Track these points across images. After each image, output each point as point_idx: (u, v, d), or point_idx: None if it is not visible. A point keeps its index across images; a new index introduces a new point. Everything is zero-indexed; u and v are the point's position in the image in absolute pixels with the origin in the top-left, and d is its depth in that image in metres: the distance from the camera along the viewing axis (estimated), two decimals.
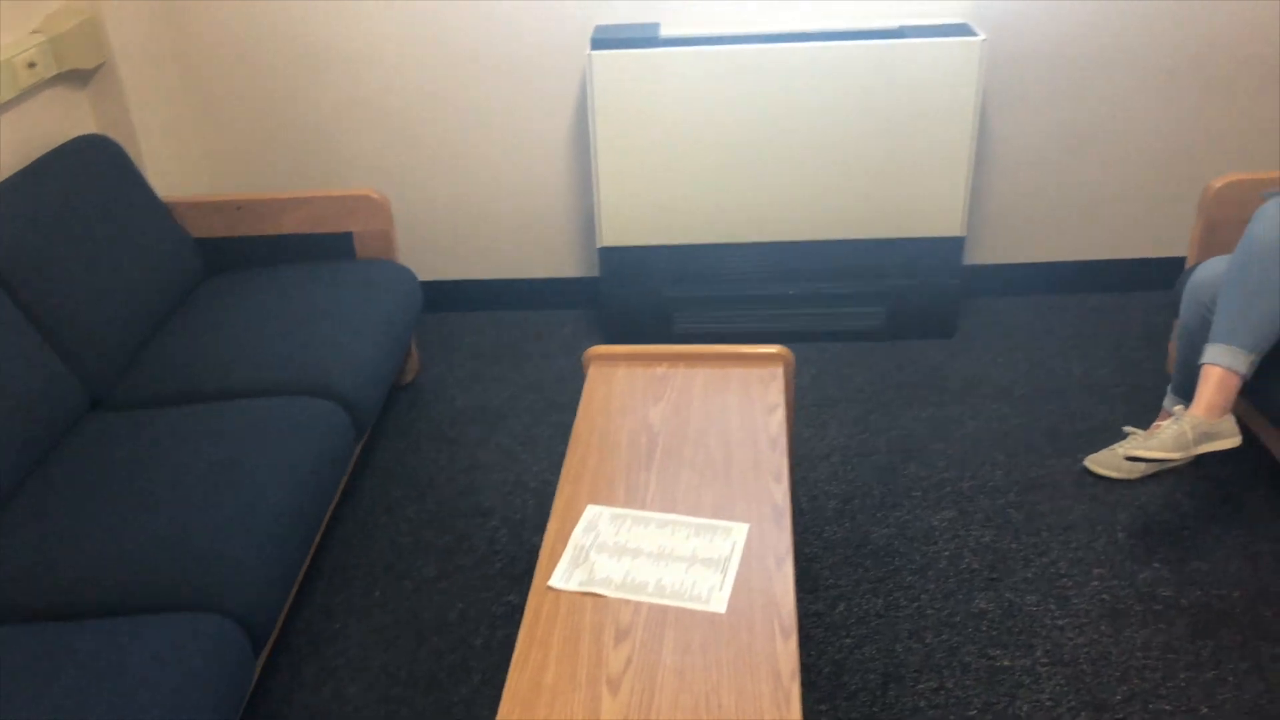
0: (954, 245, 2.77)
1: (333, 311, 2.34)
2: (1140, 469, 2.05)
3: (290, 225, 2.61)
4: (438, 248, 3.09)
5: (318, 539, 2.19)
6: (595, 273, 3.05)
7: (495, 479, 2.43)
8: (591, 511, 1.61)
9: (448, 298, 3.17)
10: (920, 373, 2.75)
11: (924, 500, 2.28)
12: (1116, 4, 2.72)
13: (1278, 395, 2.07)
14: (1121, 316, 2.95)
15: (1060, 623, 1.95)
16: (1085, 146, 2.89)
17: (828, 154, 2.67)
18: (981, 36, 2.54)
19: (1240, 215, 2.24)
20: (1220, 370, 2.03)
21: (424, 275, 3.14)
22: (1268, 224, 2.05)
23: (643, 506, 1.61)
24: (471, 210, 3.03)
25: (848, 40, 2.57)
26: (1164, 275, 3.04)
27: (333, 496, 1.99)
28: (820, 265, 2.81)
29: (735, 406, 1.85)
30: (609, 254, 2.82)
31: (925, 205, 2.72)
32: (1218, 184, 2.39)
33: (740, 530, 1.55)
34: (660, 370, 1.97)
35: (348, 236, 2.63)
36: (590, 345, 2.71)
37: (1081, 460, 2.35)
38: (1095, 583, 2.04)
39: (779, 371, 1.95)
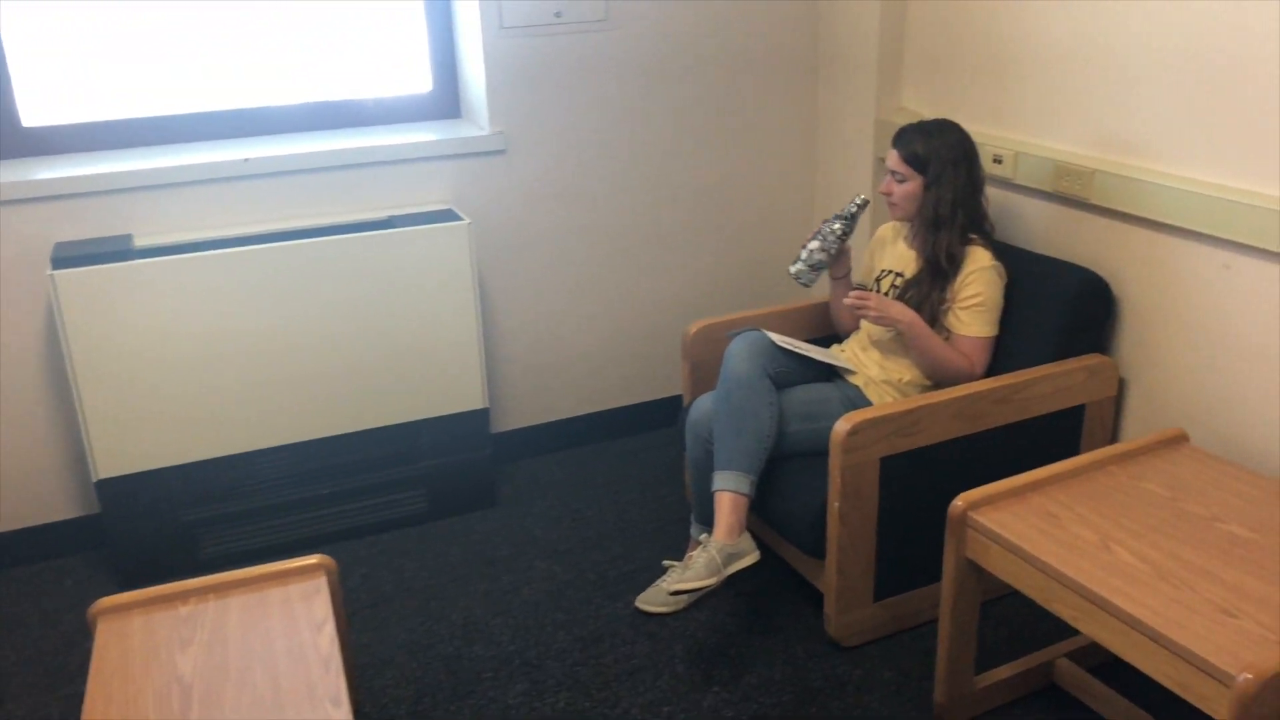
0: (480, 417, 2.83)
1: None
2: (684, 600, 2.18)
3: None
4: None
5: None
6: (95, 509, 2.69)
7: None
8: None
9: None
10: (471, 548, 2.73)
11: (495, 680, 2.24)
12: (581, 185, 3.01)
13: (777, 506, 2.33)
14: (642, 457, 3.18)
15: None
16: (576, 307, 3.13)
17: (339, 347, 2.63)
18: (467, 220, 2.68)
19: (716, 354, 2.52)
20: (729, 495, 2.24)
21: None
22: (738, 360, 2.33)
23: None
24: None
25: (339, 235, 2.58)
26: (670, 413, 3.34)
27: None
28: (352, 458, 2.73)
29: (279, 631, 1.69)
30: (109, 486, 2.51)
31: (445, 383, 2.76)
32: (693, 328, 2.69)
33: None
34: (186, 609, 1.76)
35: None
36: (102, 595, 2.36)
37: (633, 602, 2.45)
38: None
39: (322, 582, 1.83)
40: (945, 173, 2.37)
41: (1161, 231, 2.29)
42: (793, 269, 2.51)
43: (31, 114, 2.63)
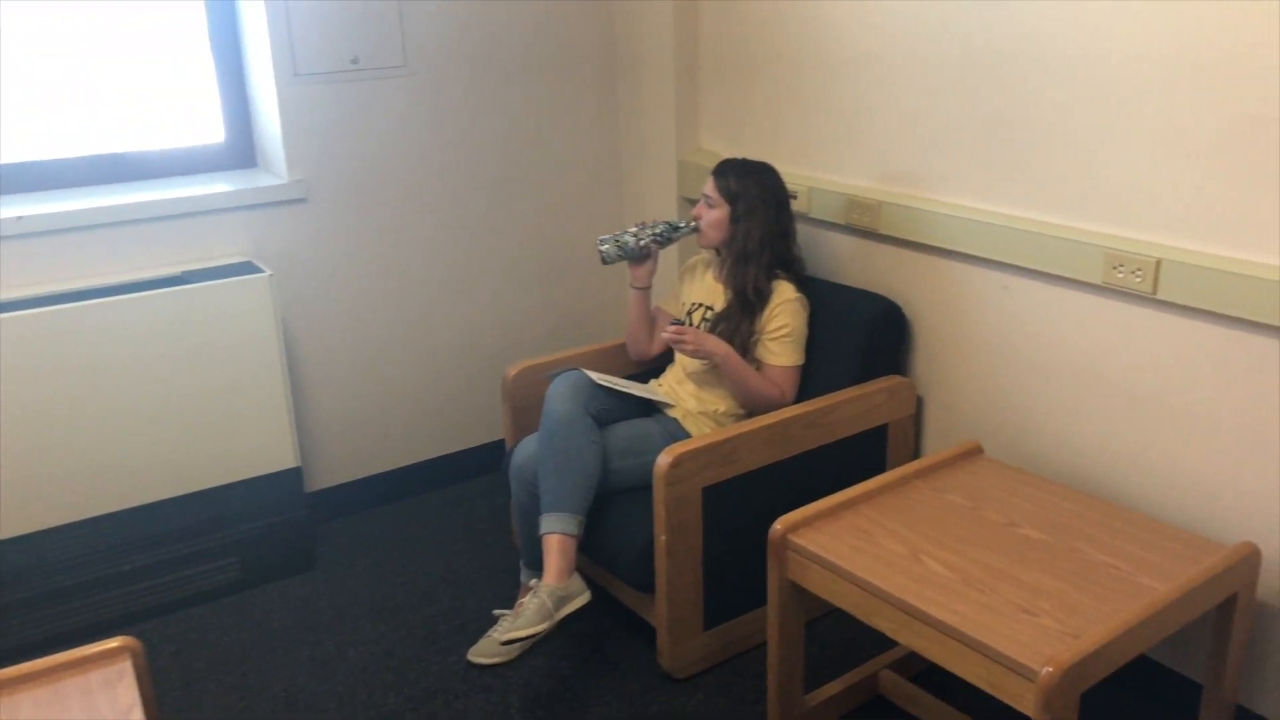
0: (292, 477, 2.72)
1: None
2: (517, 649, 2.15)
3: None
4: None
5: None
6: None
7: None
8: None
9: None
10: (290, 615, 2.61)
11: None
12: (388, 231, 2.96)
13: (604, 544, 2.34)
14: (466, 506, 3.13)
15: None
16: (390, 356, 3.07)
17: (135, 412, 2.47)
18: (268, 272, 2.58)
19: (537, 396, 2.52)
20: (557, 537, 2.24)
21: None
22: (559, 400, 2.34)
23: None
24: None
25: (129, 294, 2.44)
26: (493, 459, 3.30)
27: None
28: (155, 530, 2.56)
29: None
30: None
31: (254, 444, 2.64)
32: (513, 371, 2.68)
33: None
34: None
35: None
36: None
37: (465, 656, 2.40)
38: None
39: (126, 666, 1.70)
40: (755, 210, 2.47)
41: (945, 257, 2.45)
42: (602, 244, 2.54)
43: None
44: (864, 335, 2.49)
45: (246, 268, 2.64)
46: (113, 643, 1.73)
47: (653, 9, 3.02)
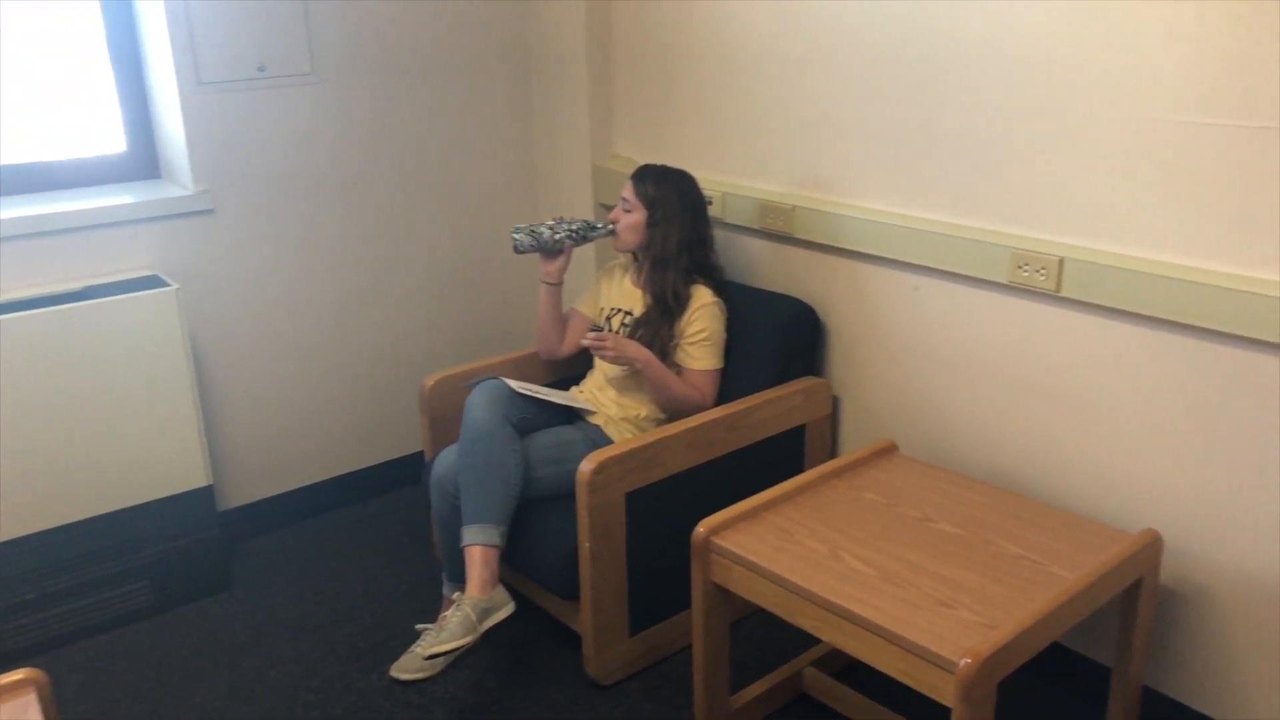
0: (204, 495, 2.65)
1: None
2: (441, 663, 2.12)
3: None
4: None
5: None
6: None
7: None
8: None
9: None
10: (205, 637, 2.54)
11: None
12: (301, 241, 2.91)
13: (528, 553, 2.32)
14: (386, 520, 3.08)
15: None
16: (304, 369, 3.01)
17: (40, 433, 2.38)
18: (174, 286, 2.51)
19: (456, 406, 2.50)
20: (479, 548, 2.22)
21: None
22: (478, 410, 2.32)
23: None
24: None
25: (27, 310, 2.35)
26: (412, 471, 3.26)
27: None
28: (60, 556, 2.47)
29: None
30: None
31: (163, 463, 2.57)
32: (430, 381, 2.65)
33: None
34: None
35: None
36: None
37: (388, 672, 2.36)
38: None
39: (30, 699, 1.64)
40: (673, 216, 2.48)
41: (858, 260, 2.50)
42: (516, 233, 2.52)
43: None
44: (780, 338, 2.52)
45: (152, 281, 2.57)
46: (16, 675, 1.66)
47: (565, 11, 3.02)
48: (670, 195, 2.50)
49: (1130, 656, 1.95)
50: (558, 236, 2.55)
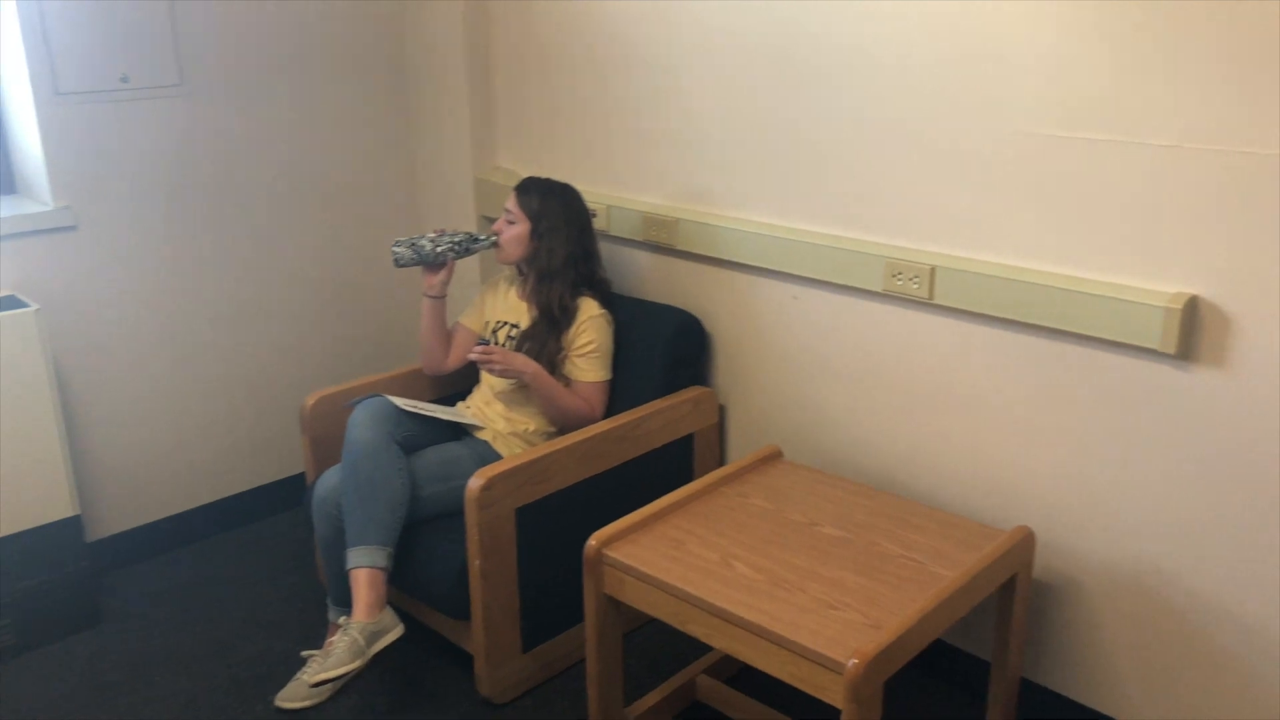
0: (71, 526, 2.52)
1: None
2: (328, 690, 2.07)
3: None
4: None
5: None
6: None
7: None
8: None
9: None
10: (76, 676, 2.42)
11: None
12: (171, 259, 2.80)
13: (416, 573, 2.28)
14: (268, 545, 2.99)
15: None
16: (178, 391, 2.90)
17: None
18: (34, 307, 2.39)
19: (338, 425, 2.44)
20: (365, 571, 2.17)
21: None
22: (362, 428, 2.27)
23: None
24: None
25: None
26: (293, 494, 3.17)
27: None
28: None
29: None
30: None
31: (25, 493, 2.43)
32: (311, 400, 2.58)
33: None
34: None
35: None
36: None
37: (273, 702, 2.28)
38: None
39: None
40: (558, 229, 2.48)
41: (739, 270, 2.54)
42: (396, 247, 2.49)
43: None
44: (667, 348, 2.54)
45: (10, 302, 2.44)
46: None
47: (442, 18, 2.98)
48: (555, 208, 2.50)
49: (1008, 650, 2.02)
50: (439, 249, 2.52)
